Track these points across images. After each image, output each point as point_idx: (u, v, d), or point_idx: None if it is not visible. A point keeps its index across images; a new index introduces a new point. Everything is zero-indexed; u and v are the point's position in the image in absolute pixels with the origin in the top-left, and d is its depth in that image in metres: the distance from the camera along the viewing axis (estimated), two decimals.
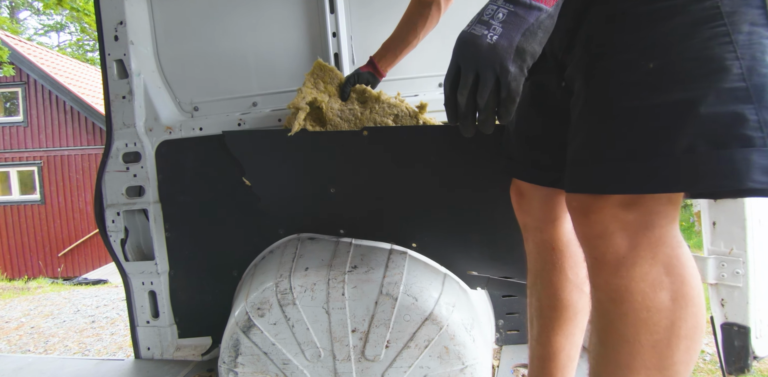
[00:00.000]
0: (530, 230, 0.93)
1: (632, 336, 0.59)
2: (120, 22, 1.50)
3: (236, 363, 1.13)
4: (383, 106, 1.24)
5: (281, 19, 1.54)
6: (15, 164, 9.92)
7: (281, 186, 1.36)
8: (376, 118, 1.24)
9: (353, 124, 1.25)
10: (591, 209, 0.62)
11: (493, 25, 0.54)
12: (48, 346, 3.01)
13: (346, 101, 1.27)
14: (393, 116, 1.25)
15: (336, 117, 1.25)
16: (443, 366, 1.07)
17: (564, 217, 0.88)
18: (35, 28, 21.04)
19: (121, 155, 1.54)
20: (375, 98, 1.24)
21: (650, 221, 0.60)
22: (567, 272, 0.89)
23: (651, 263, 0.59)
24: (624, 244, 0.60)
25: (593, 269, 0.64)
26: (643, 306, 0.59)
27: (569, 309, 0.90)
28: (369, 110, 1.24)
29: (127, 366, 1.56)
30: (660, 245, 0.59)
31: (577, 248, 0.87)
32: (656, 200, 0.59)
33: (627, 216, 0.60)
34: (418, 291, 1.08)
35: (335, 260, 1.17)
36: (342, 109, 1.26)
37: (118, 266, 1.58)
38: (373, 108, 1.24)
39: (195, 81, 1.60)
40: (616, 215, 0.60)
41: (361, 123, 1.24)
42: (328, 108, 1.25)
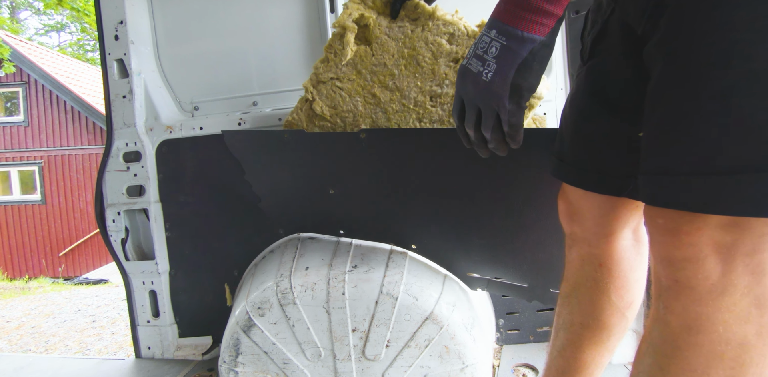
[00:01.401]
0: (577, 241, 0.83)
1: (702, 369, 0.53)
2: (120, 21, 1.50)
3: (237, 363, 1.13)
4: (437, 23, 1.11)
5: (281, 19, 1.54)
6: (16, 163, 9.93)
7: (281, 186, 1.36)
8: (428, 37, 1.12)
9: (402, 43, 1.13)
10: (683, 230, 0.53)
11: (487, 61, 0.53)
12: (49, 346, 3.01)
13: (396, 18, 1.15)
14: (448, 35, 1.12)
15: (384, 35, 1.14)
16: (443, 366, 1.07)
17: (622, 232, 0.78)
18: (36, 28, 21.08)
19: (121, 155, 1.54)
20: (429, 15, 1.12)
21: (753, 245, 0.51)
22: (611, 293, 0.80)
23: (743, 292, 0.51)
24: (717, 270, 0.52)
25: (671, 292, 0.56)
26: (722, 339, 0.52)
27: (604, 331, 0.82)
28: (421, 28, 1.12)
29: (128, 366, 1.56)
30: (758, 273, 0.51)
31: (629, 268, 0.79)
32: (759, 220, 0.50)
33: (725, 238, 0.51)
34: (418, 290, 1.08)
35: (335, 260, 1.17)
36: (391, 26, 1.14)
37: (118, 265, 1.58)
38: (426, 26, 1.12)
39: (195, 80, 1.60)
40: (713, 237, 0.52)
41: (410, 42, 1.12)
42: (375, 25, 1.13)
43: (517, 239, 1.12)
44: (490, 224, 1.15)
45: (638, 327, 1.40)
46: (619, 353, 1.40)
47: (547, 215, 1.06)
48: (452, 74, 1.14)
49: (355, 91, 1.18)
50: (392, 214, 1.24)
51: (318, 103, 1.22)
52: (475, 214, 1.15)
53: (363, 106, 1.19)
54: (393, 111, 1.17)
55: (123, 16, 1.50)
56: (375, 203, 1.24)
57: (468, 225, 1.17)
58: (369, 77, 1.17)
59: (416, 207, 1.21)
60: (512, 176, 1.07)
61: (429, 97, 1.14)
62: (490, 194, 1.10)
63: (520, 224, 1.10)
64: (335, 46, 1.16)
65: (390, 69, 1.15)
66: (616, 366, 1.38)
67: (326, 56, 1.19)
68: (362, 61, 1.17)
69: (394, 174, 1.19)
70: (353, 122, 1.19)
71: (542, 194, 1.05)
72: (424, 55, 1.12)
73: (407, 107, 1.16)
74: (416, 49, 1.12)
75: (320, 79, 1.21)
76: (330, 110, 1.21)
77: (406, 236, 1.24)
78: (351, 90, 1.19)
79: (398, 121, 1.17)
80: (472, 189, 1.12)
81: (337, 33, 1.15)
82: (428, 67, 1.13)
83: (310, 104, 1.23)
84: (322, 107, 1.22)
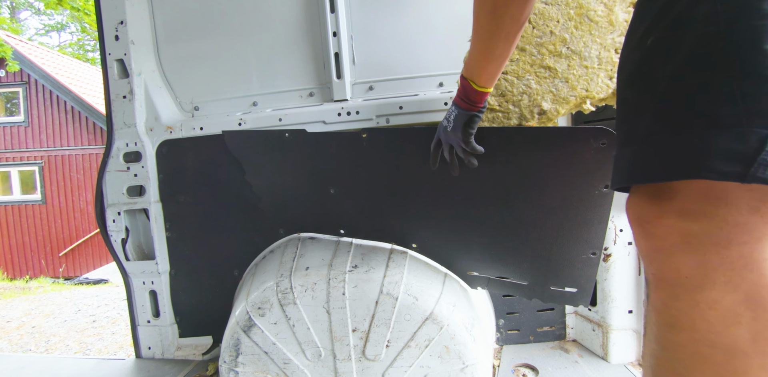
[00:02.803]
0: None
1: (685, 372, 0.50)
2: (121, 21, 1.51)
3: (237, 363, 1.13)
4: None
5: (281, 19, 1.54)
6: (16, 163, 9.92)
7: (281, 186, 1.36)
8: None
9: (564, 5, 1.08)
10: (646, 219, 0.54)
11: (450, 120, 0.95)
12: (49, 346, 3.01)
13: None
14: None
15: (540, 3, 1.10)
16: (444, 366, 1.07)
17: None
18: (36, 28, 21.07)
19: (121, 155, 1.54)
20: None
21: (725, 235, 0.48)
22: None
23: (725, 289, 0.48)
24: (688, 262, 0.50)
25: (651, 286, 0.56)
26: (706, 340, 0.48)
27: None
28: None
29: (128, 366, 1.56)
30: (741, 268, 0.48)
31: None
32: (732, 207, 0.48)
33: (691, 227, 0.49)
34: (418, 290, 1.08)
35: (336, 260, 1.17)
36: None
37: (118, 265, 1.58)
38: None
39: (195, 81, 1.60)
40: (676, 226, 0.50)
41: (575, 2, 1.07)
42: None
43: (517, 237, 1.12)
44: (490, 221, 1.15)
45: (638, 327, 1.40)
46: (619, 353, 1.41)
47: (546, 212, 1.06)
48: None
49: (523, 70, 1.11)
50: (393, 213, 1.24)
51: None
52: (475, 212, 1.16)
53: (537, 82, 1.10)
54: (576, 77, 1.08)
55: (123, 16, 1.50)
56: (376, 203, 1.24)
57: (468, 223, 1.17)
58: (536, 51, 1.10)
59: (417, 206, 1.21)
60: (511, 174, 1.07)
61: (614, 50, 1.07)
62: (490, 192, 1.10)
63: (519, 222, 1.10)
64: None
65: (559, 35, 1.08)
66: (616, 366, 1.38)
67: None
68: (522, 38, 1.10)
69: (394, 173, 1.19)
70: (530, 103, 1.11)
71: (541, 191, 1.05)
72: (595, 9, 1.06)
73: (591, 67, 1.08)
74: (583, 6, 1.07)
75: None
76: (498, 99, 1.14)
77: (406, 236, 1.23)
78: (518, 71, 1.11)
79: (584, 86, 1.08)
80: (472, 187, 1.13)
81: None
82: (604, 20, 1.06)
83: None
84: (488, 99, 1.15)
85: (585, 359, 1.42)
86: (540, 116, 1.10)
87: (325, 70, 1.52)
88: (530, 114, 1.10)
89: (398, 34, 1.49)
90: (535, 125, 1.11)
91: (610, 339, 1.41)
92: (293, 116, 1.48)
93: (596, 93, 1.07)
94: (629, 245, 1.39)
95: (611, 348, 1.40)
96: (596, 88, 1.08)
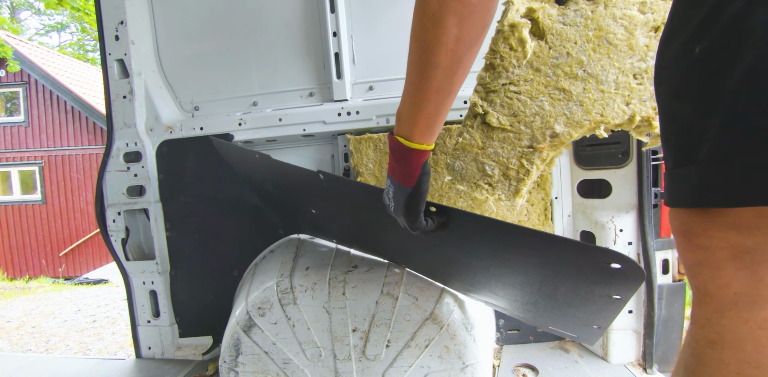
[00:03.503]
0: None
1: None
2: (121, 21, 1.51)
3: (237, 363, 1.13)
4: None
5: (281, 19, 1.54)
6: (16, 163, 9.92)
7: (269, 197, 1.34)
8: (615, 12, 0.99)
9: (584, 27, 1.01)
10: (693, 232, 0.50)
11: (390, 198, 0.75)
12: (49, 346, 3.01)
13: (566, 3, 1.04)
14: (638, 4, 0.99)
15: (557, 24, 1.03)
16: (444, 366, 1.07)
17: None
18: (36, 28, 21.07)
19: (122, 155, 1.54)
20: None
21: None
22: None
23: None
24: (739, 278, 0.47)
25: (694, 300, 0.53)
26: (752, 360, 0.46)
27: None
28: (603, 6, 1.00)
29: (128, 366, 1.56)
30: None
31: None
32: None
33: (744, 241, 0.46)
34: (418, 290, 1.08)
35: (336, 260, 1.17)
36: (563, 13, 1.03)
37: (118, 265, 1.58)
38: (609, 2, 1.00)
39: (195, 81, 1.60)
40: (727, 239, 0.47)
41: (594, 23, 1.01)
42: (545, 16, 1.03)
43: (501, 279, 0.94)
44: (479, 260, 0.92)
45: (638, 327, 1.40)
46: (619, 353, 1.41)
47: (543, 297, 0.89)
48: (654, 44, 1.01)
49: (537, 91, 1.06)
50: (374, 239, 1.11)
51: (492, 115, 1.09)
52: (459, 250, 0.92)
53: (550, 104, 1.06)
54: (591, 101, 1.04)
55: (123, 16, 1.50)
56: (354, 229, 1.13)
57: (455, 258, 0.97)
58: (551, 72, 1.05)
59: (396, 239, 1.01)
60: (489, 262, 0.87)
61: (632, 75, 1.03)
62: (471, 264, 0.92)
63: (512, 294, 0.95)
64: (500, 50, 1.04)
65: (576, 57, 1.03)
66: (616, 366, 1.38)
67: (490, 63, 1.07)
68: (538, 58, 1.05)
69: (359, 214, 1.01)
70: (542, 125, 1.06)
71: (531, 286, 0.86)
72: (615, 32, 1.01)
73: (607, 92, 1.03)
74: (603, 28, 1.02)
75: (490, 88, 1.08)
76: (510, 119, 1.08)
77: (396, 258, 1.14)
78: (531, 91, 1.06)
79: (600, 110, 1.04)
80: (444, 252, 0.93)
81: (502, 35, 1.03)
82: (623, 44, 1.02)
83: (482, 119, 1.10)
84: (499, 118, 1.09)
85: (585, 359, 1.42)
86: (552, 138, 1.06)
87: (325, 70, 1.52)
88: (542, 136, 1.06)
89: (398, 34, 1.49)
90: (546, 148, 1.07)
91: (610, 339, 1.41)
92: (293, 116, 1.48)
93: (612, 118, 1.03)
94: (629, 245, 1.39)
95: (611, 348, 1.40)
96: (612, 113, 1.04)
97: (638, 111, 1.03)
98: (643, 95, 1.03)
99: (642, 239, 1.36)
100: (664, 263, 1.39)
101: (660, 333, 1.38)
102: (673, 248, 1.40)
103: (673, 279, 1.40)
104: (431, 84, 0.61)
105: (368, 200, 0.86)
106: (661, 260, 1.39)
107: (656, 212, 1.37)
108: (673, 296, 1.40)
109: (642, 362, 1.40)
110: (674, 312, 1.39)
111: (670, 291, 1.39)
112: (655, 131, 1.05)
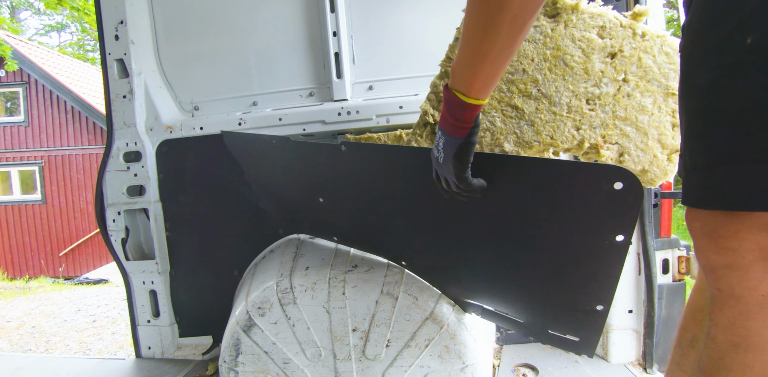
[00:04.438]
0: None
1: None
2: (120, 21, 1.50)
3: (237, 362, 1.13)
4: (582, 17, 0.98)
5: (281, 19, 1.54)
6: (16, 163, 9.92)
7: (276, 190, 1.35)
8: (574, 33, 0.98)
9: (542, 44, 1.00)
10: (720, 234, 0.49)
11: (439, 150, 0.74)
12: (49, 346, 3.01)
13: None
14: (597, 28, 0.98)
15: None
16: (444, 366, 1.07)
17: None
18: (36, 28, 21.08)
19: (121, 155, 1.54)
20: (571, 9, 0.99)
21: None
22: None
23: None
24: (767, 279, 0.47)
25: (716, 302, 0.52)
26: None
27: None
28: (563, 25, 0.99)
29: (128, 366, 1.56)
30: None
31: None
32: None
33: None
34: (418, 290, 1.08)
35: (336, 260, 1.17)
36: None
37: (118, 265, 1.58)
38: (569, 21, 0.99)
39: (195, 80, 1.60)
40: (757, 241, 0.47)
41: (553, 42, 1.00)
42: None
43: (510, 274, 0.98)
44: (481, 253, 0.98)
45: (638, 327, 1.40)
46: (619, 353, 1.41)
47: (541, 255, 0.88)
48: (610, 71, 1.00)
49: (489, 106, 1.03)
50: (379, 229, 1.13)
51: None
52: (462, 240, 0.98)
53: (502, 121, 1.03)
54: (542, 122, 1.02)
55: (123, 16, 1.50)
56: (362, 216, 1.13)
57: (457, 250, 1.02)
58: (505, 88, 1.03)
59: (403, 226, 1.06)
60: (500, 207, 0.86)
61: (585, 99, 1.01)
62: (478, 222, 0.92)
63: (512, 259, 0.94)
64: None
65: (531, 75, 1.01)
66: (616, 365, 1.38)
67: (445, 70, 1.05)
68: None
69: (374, 190, 1.03)
70: (492, 142, 1.04)
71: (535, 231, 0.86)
72: (572, 53, 0.99)
73: (559, 114, 1.01)
74: (561, 48, 1.00)
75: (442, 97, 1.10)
76: None
77: (395, 252, 1.15)
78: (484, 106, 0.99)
79: (550, 132, 1.02)
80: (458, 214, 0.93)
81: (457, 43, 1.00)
82: (579, 67, 1.00)
83: (432, 128, 1.08)
84: None
85: (585, 359, 1.42)
86: None
87: (325, 70, 1.52)
88: None
89: (398, 34, 1.49)
90: None
91: (610, 339, 1.41)
92: (293, 116, 1.48)
93: (561, 142, 1.00)
94: None
95: (611, 348, 1.40)
96: (561, 136, 1.01)
97: (587, 137, 1.00)
98: (594, 122, 1.01)
99: (642, 239, 1.36)
100: (664, 263, 1.39)
101: (660, 333, 1.38)
102: (672, 248, 1.40)
103: (673, 279, 1.40)
104: (490, 50, 0.60)
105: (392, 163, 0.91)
106: (661, 260, 1.39)
107: (656, 212, 1.37)
108: (673, 296, 1.40)
109: (642, 362, 1.40)
110: (674, 311, 1.39)
111: (670, 291, 1.39)
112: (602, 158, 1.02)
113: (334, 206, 1.14)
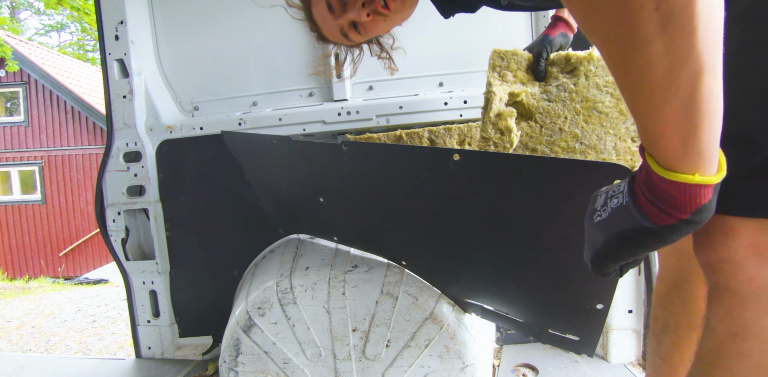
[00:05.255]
0: None
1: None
2: (121, 21, 1.50)
3: (237, 363, 1.13)
4: (599, 65, 0.98)
5: (281, 19, 1.54)
6: (16, 163, 9.92)
7: (276, 190, 1.35)
8: (598, 81, 0.99)
9: (570, 100, 1.00)
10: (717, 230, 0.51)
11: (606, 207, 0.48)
12: (49, 346, 3.01)
13: (546, 80, 1.04)
14: None
15: (543, 102, 1.02)
16: (444, 366, 1.07)
17: None
18: (36, 28, 21.08)
19: (121, 155, 1.54)
20: (586, 60, 0.99)
21: None
22: None
23: None
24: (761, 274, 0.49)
25: (714, 295, 0.54)
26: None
27: None
28: (584, 77, 1.00)
29: (128, 366, 1.56)
30: None
31: None
32: None
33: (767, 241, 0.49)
34: (418, 290, 1.08)
35: (336, 260, 1.17)
36: (546, 90, 1.02)
37: (118, 265, 1.58)
38: (589, 72, 0.99)
39: (195, 81, 1.60)
40: (752, 239, 0.49)
41: (580, 95, 1.00)
42: (528, 97, 1.02)
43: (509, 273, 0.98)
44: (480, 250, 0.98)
45: (638, 327, 1.40)
46: (619, 353, 1.41)
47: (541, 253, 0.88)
48: None
49: None
50: (379, 228, 1.13)
51: None
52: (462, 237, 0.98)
53: None
54: None
55: (123, 16, 1.50)
56: (363, 216, 1.13)
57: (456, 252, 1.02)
58: (548, 150, 1.02)
59: (401, 225, 1.06)
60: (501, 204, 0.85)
61: (629, 139, 1.00)
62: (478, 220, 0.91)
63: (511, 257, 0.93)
64: (492, 137, 1.00)
65: (569, 131, 1.01)
66: (616, 365, 1.38)
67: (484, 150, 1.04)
68: (531, 138, 1.03)
69: (375, 189, 1.03)
70: None
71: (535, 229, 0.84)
72: (602, 100, 1.00)
73: (609, 159, 0.99)
74: (589, 99, 1.00)
75: None
76: None
77: (395, 252, 1.14)
78: None
79: None
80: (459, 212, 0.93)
81: (490, 122, 1.00)
82: (613, 110, 1.00)
83: None
84: None
85: (585, 359, 1.42)
86: None
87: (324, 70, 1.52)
88: None
89: (398, 34, 1.49)
90: None
91: (610, 338, 1.41)
92: (293, 116, 1.48)
93: None
94: None
95: (611, 347, 1.40)
96: None
97: None
98: None
99: None
100: None
101: None
102: None
103: None
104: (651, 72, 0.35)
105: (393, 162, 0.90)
106: None
107: None
108: None
109: (642, 362, 1.40)
110: None
111: None
112: None
113: (335, 206, 1.14)
